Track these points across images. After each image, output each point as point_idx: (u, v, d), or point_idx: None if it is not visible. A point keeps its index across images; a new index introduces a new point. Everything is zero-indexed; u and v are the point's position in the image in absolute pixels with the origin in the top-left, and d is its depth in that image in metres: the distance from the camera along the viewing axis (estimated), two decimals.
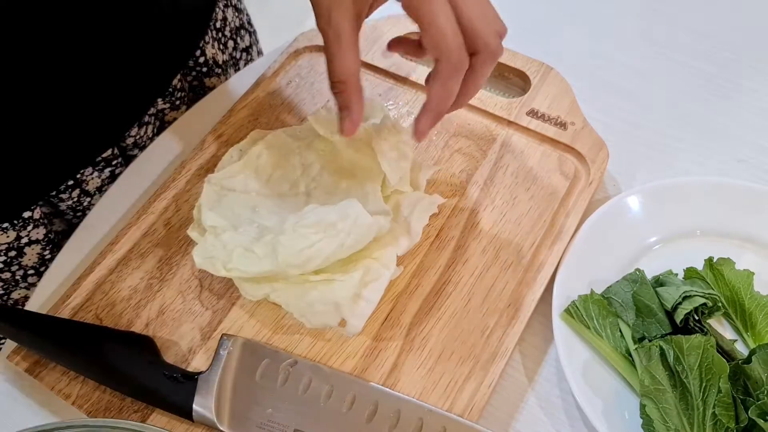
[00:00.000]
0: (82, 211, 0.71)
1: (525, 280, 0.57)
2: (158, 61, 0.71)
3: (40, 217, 0.68)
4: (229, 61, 0.80)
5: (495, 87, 0.71)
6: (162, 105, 0.74)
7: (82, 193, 0.70)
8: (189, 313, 0.57)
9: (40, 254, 0.69)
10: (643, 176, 0.66)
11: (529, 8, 0.80)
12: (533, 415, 0.54)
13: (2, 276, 0.68)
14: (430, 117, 0.53)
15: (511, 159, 0.64)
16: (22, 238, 0.67)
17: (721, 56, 0.74)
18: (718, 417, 0.47)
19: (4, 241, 0.65)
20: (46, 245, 0.69)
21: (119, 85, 0.67)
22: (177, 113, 0.76)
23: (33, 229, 0.67)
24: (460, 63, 0.50)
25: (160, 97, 0.73)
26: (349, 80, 0.51)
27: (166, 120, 0.76)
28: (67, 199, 0.69)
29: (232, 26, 0.80)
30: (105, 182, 0.71)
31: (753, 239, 0.59)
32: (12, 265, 0.68)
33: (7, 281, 0.69)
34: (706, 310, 0.53)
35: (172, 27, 0.70)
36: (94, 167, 0.70)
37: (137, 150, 0.73)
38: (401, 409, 0.51)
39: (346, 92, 0.51)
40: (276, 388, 0.52)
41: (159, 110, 0.74)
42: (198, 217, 0.57)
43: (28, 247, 0.67)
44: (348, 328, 0.54)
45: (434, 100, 0.52)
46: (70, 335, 0.55)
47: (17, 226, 0.65)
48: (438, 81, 0.51)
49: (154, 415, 0.52)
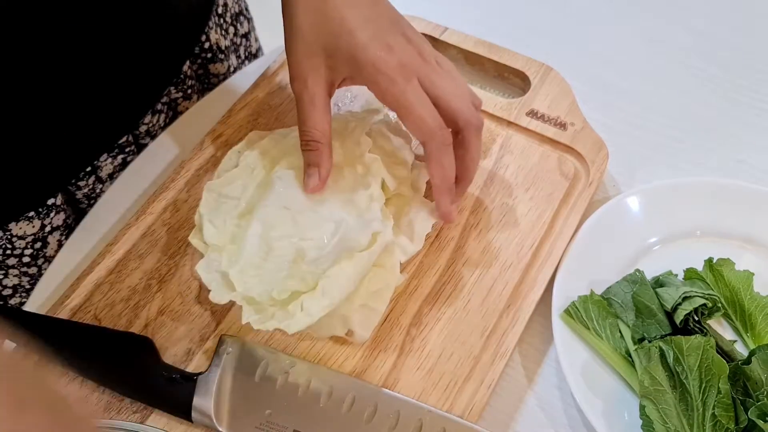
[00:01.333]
0: (95, 198, 0.72)
1: (525, 280, 0.57)
2: (168, 46, 0.71)
3: (61, 203, 0.68)
4: (230, 47, 0.81)
5: (495, 87, 0.70)
6: (175, 94, 0.75)
7: (96, 180, 0.71)
8: (188, 313, 0.57)
9: (59, 241, 0.69)
10: (642, 177, 0.66)
11: (529, 8, 0.80)
12: (533, 416, 0.54)
13: (29, 271, 0.69)
14: (443, 195, 0.56)
15: (511, 159, 0.64)
16: (46, 227, 0.67)
17: (721, 57, 0.74)
18: (718, 418, 0.47)
19: (30, 231, 0.66)
20: (64, 230, 0.69)
21: (133, 71, 0.68)
22: (189, 103, 0.77)
23: (55, 216, 0.68)
24: (444, 140, 0.53)
25: (171, 84, 0.74)
26: (322, 140, 0.54)
27: (179, 110, 0.76)
28: (84, 186, 0.70)
29: (232, 12, 0.81)
30: (116, 169, 0.72)
31: (753, 240, 0.59)
32: (38, 258, 0.68)
33: (33, 276, 0.69)
34: (706, 310, 0.53)
35: (180, 12, 0.71)
36: (109, 153, 0.70)
37: (149, 138, 0.74)
38: (401, 410, 0.51)
39: (318, 150, 0.54)
40: (275, 389, 0.52)
41: (172, 99, 0.75)
42: (199, 223, 0.57)
43: (51, 235, 0.68)
44: (356, 338, 0.54)
45: (437, 178, 0.55)
46: (69, 336, 0.55)
47: (42, 214, 0.66)
48: (432, 161, 0.54)
49: (153, 416, 0.52)
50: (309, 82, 0.54)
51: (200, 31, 0.75)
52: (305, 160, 0.55)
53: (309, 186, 0.54)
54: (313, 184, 0.54)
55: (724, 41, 0.75)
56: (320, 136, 0.54)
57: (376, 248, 0.53)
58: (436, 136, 0.53)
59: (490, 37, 0.71)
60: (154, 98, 0.73)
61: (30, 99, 0.60)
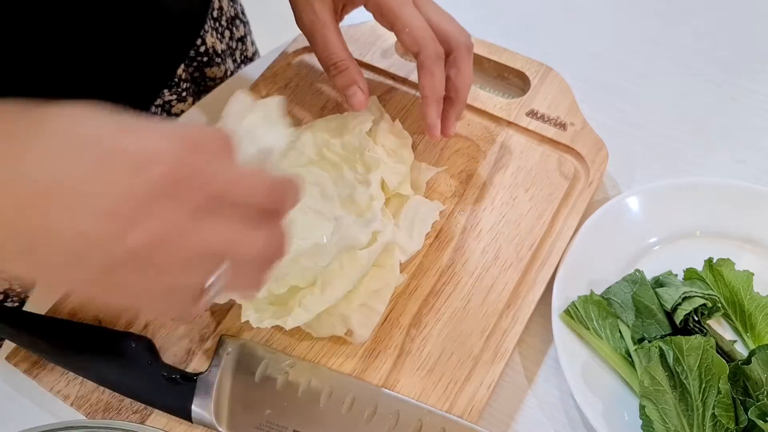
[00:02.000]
0: None
1: (524, 281, 0.57)
2: (163, 50, 0.71)
3: None
4: (226, 50, 0.81)
5: (494, 87, 0.71)
6: (168, 96, 0.75)
7: None
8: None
9: None
10: (642, 177, 0.66)
11: (529, 9, 0.80)
12: (533, 416, 0.54)
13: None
14: (431, 106, 0.57)
15: (511, 160, 0.64)
16: None
17: (721, 57, 0.74)
18: (718, 418, 0.47)
19: None
20: None
21: (127, 75, 0.67)
22: (184, 105, 0.76)
23: None
24: (437, 50, 0.55)
25: (165, 87, 0.74)
26: (347, 57, 0.56)
27: (173, 112, 0.76)
28: None
29: (227, 16, 0.80)
30: None
31: (753, 240, 0.59)
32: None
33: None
34: (706, 310, 0.53)
35: (175, 16, 0.71)
36: None
37: None
38: (400, 410, 0.51)
39: (348, 69, 0.56)
40: (275, 389, 0.52)
41: (166, 101, 0.75)
42: None
43: None
44: (355, 337, 0.54)
45: (427, 89, 0.56)
46: (69, 336, 0.55)
47: None
48: (424, 71, 0.55)
49: (153, 416, 0.52)
50: (317, 8, 0.56)
51: (195, 35, 0.75)
52: (339, 84, 0.57)
53: (355, 103, 0.57)
54: (358, 100, 0.56)
55: (724, 41, 0.75)
56: (345, 54, 0.56)
57: (377, 247, 0.53)
58: (430, 44, 0.55)
59: (490, 37, 0.71)
60: (147, 103, 0.72)
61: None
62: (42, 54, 0.58)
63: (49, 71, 0.59)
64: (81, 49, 0.61)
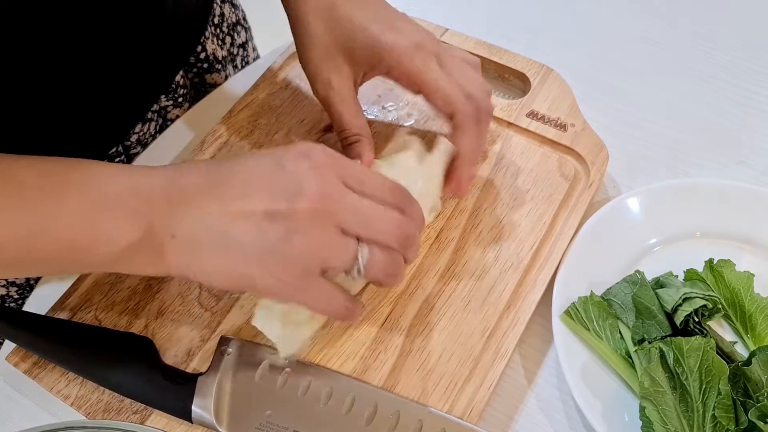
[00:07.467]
0: None
1: (525, 281, 0.57)
2: (161, 57, 0.71)
3: None
4: (227, 57, 0.81)
5: (495, 88, 0.70)
6: (165, 102, 0.74)
7: None
8: (188, 314, 0.57)
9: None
10: (643, 178, 0.66)
11: (530, 9, 0.80)
12: (533, 417, 0.54)
13: (17, 281, 0.68)
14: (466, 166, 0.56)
15: (511, 160, 0.64)
16: None
17: (721, 58, 0.74)
18: (718, 419, 0.47)
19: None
20: None
21: (124, 82, 0.67)
22: (180, 110, 0.76)
23: None
24: (474, 110, 0.55)
25: (163, 93, 0.73)
26: (362, 131, 0.56)
27: (168, 117, 0.76)
28: None
29: (229, 22, 0.80)
30: None
31: (753, 241, 0.59)
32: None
33: (21, 286, 0.69)
34: (706, 311, 0.53)
35: (175, 23, 0.71)
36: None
37: (140, 147, 0.73)
38: (401, 411, 0.51)
39: (361, 142, 0.56)
40: (275, 390, 0.52)
41: (162, 107, 0.74)
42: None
43: None
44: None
45: (464, 147, 0.56)
46: (69, 336, 0.55)
47: None
48: (464, 132, 0.55)
49: (153, 417, 0.52)
50: (333, 83, 0.56)
51: (196, 41, 0.75)
52: (346, 154, 0.56)
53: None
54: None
55: (724, 42, 0.76)
56: (358, 130, 0.56)
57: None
58: (466, 105, 0.54)
59: (491, 38, 0.71)
60: (144, 109, 0.72)
61: (18, 108, 0.59)
62: (43, 58, 0.58)
63: (49, 75, 0.59)
64: (78, 56, 0.60)
